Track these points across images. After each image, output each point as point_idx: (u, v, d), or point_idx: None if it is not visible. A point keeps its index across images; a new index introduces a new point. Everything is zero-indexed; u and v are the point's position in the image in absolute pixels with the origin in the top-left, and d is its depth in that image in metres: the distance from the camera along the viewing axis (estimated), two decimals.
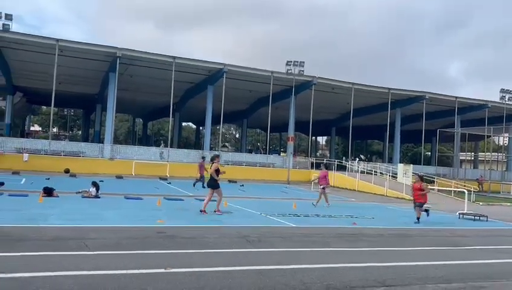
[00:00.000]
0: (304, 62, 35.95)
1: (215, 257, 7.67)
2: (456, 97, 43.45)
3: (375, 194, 27.41)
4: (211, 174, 13.48)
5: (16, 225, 9.60)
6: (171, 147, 37.24)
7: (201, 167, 23.62)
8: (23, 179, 21.94)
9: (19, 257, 6.82)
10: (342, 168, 36.09)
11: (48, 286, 5.43)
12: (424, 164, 43.94)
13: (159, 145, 41.06)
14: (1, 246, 7.45)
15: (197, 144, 67.02)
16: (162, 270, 6.49)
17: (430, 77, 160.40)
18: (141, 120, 74.69)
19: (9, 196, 14.79)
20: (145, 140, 67.67)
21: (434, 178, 32.43)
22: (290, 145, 40.08)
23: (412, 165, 37.69)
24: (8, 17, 28.76)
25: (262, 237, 9.80)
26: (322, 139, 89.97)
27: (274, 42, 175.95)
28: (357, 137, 64.00)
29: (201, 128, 70.27)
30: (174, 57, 33.30)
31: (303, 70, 36.16)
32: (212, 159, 13.87)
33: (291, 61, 35.87)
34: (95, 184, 16.34)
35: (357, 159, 45.30)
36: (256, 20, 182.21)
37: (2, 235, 8.47)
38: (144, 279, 6.00)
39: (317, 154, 77.25)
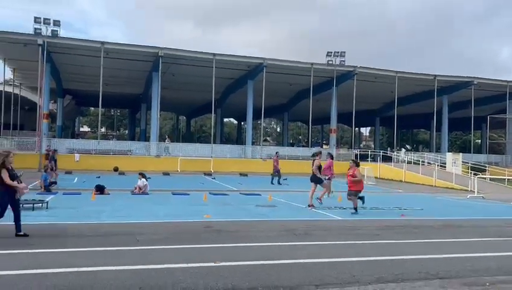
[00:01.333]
0: (344, 52, 35.44)
1: (263, 251, 7.72)
2: (508, 81, 41.35)
3: (423, 184, 26.62)
4: (313, 171, 14.23)
5: (72, 222, 10.06)
6: (214, 142, 37.74)
7: (276, 162, 23.91)
8: (76, 178, 22.92)
9: (77, 253, 7.14)
10: (387, 159, 35.28)
11: (107, 280, 5.67)
12: (474, 152, 42.21)
13: (201, 142, 41.71)
14: (61, 243, 7.83)
15: (239, 139, 67.58)
16: (212, 264, 6.60)
17: (478, 63, 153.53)
18: (184, 117, 76.10)
19: (63, 194, 15.49)
20: (189, 137, 68.93)
21: (485, 167, 31.10)
22: (333, 137, 39.62)
23: (461, 153, 36.31)
24: (56, 23, 30.07)
25: (309, 230, 9.77)
26: (365, 130, 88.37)
27: (313, 34, 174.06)
28: (402, 126, 62.36)
29: (242, 123, 70.75)
30: (214, 54, 33.65)
31: (344, 61, 35.61)
32: (314, 156, 14.30)
33: (331, 52, 35.43)
34: (143, 175, 16.95)
35: (403, 149, 44.10)
36: (294, 12, 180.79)
37: (61, 232, 8.91)
38: (194, 273, 6.13)
39: (361, 145, 75.87)
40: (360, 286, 5.85)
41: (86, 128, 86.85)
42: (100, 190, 15.96)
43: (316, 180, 13.96)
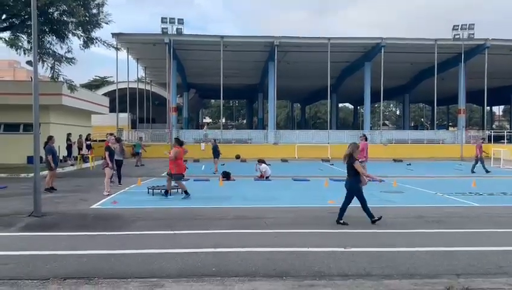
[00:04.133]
0: (473, 24, 32.16)
1: (394, 237, 7.47)
2: None
3: None
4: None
5: (205, 206, 10.79)
6: (330, 128, 37.34)
7: (480, 148, 21.62)
8: (203, 166, 24.50)
9: (213, 234, 7.66)
10: None
11: (240, 260, 5.99)
12: None
13: (316, 128, 41.49)
14: (199, 225, 8.48)
15: (354, 124, 65.94)
16: (342, 249, 6.58)
17: None
18: (299, 105, 76.51)
19: (194, 181, 16.65)
20: (304, 124, 69.20)
21: None
22: (461, 118, 36.49)
23: None
24: (180, 21, 32.20)
25: (442, 217, 9.17)
26: (498, 109, 79.80)
27: (436, 8, 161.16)
28: None
29: (358, 107, 68.79)
30: (329, 38, 33.13)
31: (473, 34, 32.36)
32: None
33: (458, 25, 32.41)
34: (262, 161, 17.83)
35: None
36: None
37: (196, 214, 9.62)
38: (325, 257, 6.17)
39: (494, 126, 68.74)
40: (508, 277, 5.38)
41: (208, 120, 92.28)
42: (226, 176, 16.87)
43: None
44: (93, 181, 15.32)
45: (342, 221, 8.45)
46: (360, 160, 15.65)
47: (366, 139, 17.13)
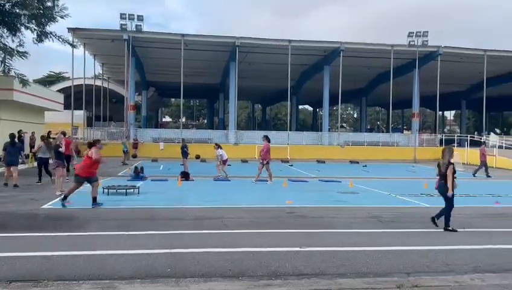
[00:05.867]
0: (427, 32, 33.45)
1: (349, 237, 7.64)
2: None
3: None
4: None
5: (163, 206, 10.65)
6: (289, 130, 37.75)
7: (483, 153, 21.79)
8: (161, 166, 24.15)
9: (170, 235, 7.56)
10: (474, 144, 33.03)
11: (196, 262, 5.95)
12: None
13: (277, 130, 41.84)
14: (156, 225, 8.34)
15: (314, 126, 67.00)
16: (298, 248, 6.67)
17: None
18: (260, 106, 76.91)
19: (152, 181, 16.39)
20: (265, 124, 69.63)
21: None
22: (415, 122, 37.85)
23: None
24: (140, 18, 31.62)
25: (396, 218, 9.49)
26: (449, 114, 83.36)
27: (393, 15, 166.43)
28: (492, 109, 57.92)
29: (317, 110, 69.95)
30: (289, 41, 33.49)
31: (427, 41, 33.65)
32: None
33: (413, 32, 33.60)
34: (218, 146, 18.04)
35: (491, 133, 40.98)
36: None
37: (154, 215, 9.48)
38: (281, 257, 6.24)
39: (445, 130, 71.76)
40: (455, 275, 5.60)
41: (167, 119, 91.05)
42: (185, 176, 16.70)
43: None
44: (45, 180, 14.77)
45: (450, 228, 8.25)
46: (264, 161, 16.18)
47: (268, 141, 16.88)
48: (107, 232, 7.69)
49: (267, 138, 17.04)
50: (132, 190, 12.70)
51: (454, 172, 8.30)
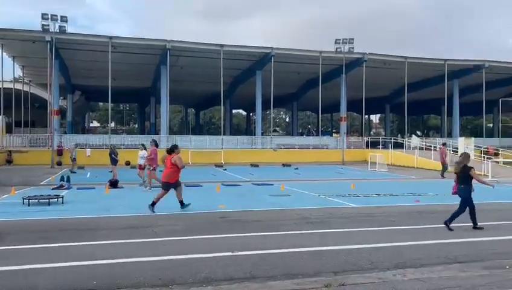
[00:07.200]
0: (353, 39, 35.01)
1: (279, 239, 7.74)
2: None
3: (435, 170, 26.37)
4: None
5: (88, 215, 10.16)
6: (223, 134, 37.76)
7: (443, 154, 22.56)
8: (88, 173, 23.12)
9: (97, 246, 7.22)
10: (398, 146, 35.09)
11: (124, 272, 5.72)
12: (486, 136, 41.76)
13: (211, 134, 41.71)
14: (80, 236, 7.91)
15: (247, 130, 67.56)
16: (230, 253, 6.64)
17: (489, 49, 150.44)
18: (193, 110, 76.16)
19: (78, 189, 15.62)
20: (198, 129, 69.06)
21: (498, 150, 30.81)
22: (343, 125, 39.43)
23: (473, 138, 35.95)
24: (64, 19, 30.05)
25: (324, 218, 9.77)
26: (375, 118, 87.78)
27: (322, 23, 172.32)
28: (413, 113, 61.78)
29: (251, 114, 70.66)
30: (221, 45, 33.54)
31: (353, 48, 35.23)
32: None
33: (340, 39, 35.02)
34: (144, 146, 16.92)
35: (413, 135, 43.77)
36: (303, 3, 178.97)
37: (80, 225, 9.01)
38: (213, 262, 6.18)
39: (371, 133, 75.48)
40: (378, 272, 5.85)
41: (95, 124, 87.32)
42: (113, 184, 16.08)
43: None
44: None
45: (478, 226, 8.70)
46: (152, 167, 15.25)
47: (156, 145, 16.31)
48: (25, 245, 7.18)
49: (154, 142, 16.33)
50: (56, 199, 12.02)
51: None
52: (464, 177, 8.83)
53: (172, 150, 11.01)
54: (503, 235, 8.12)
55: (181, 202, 10.89)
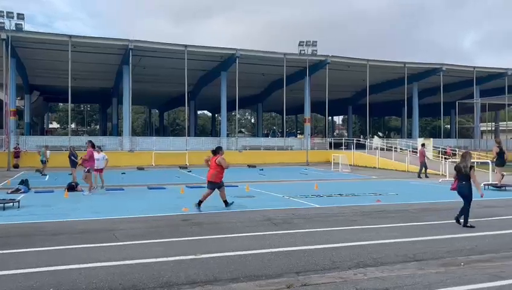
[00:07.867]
0: (316, 42, 35.46)
1: (243, 241, 7.73)
2: (474, 67, 42.36)
3: (396, 170, 27.17)
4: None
5: (48, 220, 9.81)
6: (188, 135, 37.40)
7: (422, 154, 22.62)
8: (47, 176, 22.34)
9: (55, 251, 6.98)
10: (360, 146, 35.83)
11: (83, 278, 5.56)
12: (444, 137, 43.30)
13: (175, 136, 41.22)
14: (37, 241, 7.64)
15: (213, 132, 67.26)
16: (193, 256, 6.59)
17: (445, 52, 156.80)
18: (157, 111, 75.11)
19: (35, 193, 15.07)
20: (162, 130, 68.14)
21: (455, 150, 32.03)
22: (307, 126, 39.86)
23: (431, 139, 37.25)
24: (20, 16, 28.91)
25: (287, 219, 9.84)
26: (338, 119, 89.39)
27: (286, 26, 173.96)
28: (375, 114, 63.39)
29: (216, 115, 70.37)
30: (185, 46, 33.21)
31: (316, 50, 35.68)
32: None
33: (303, 42, 35.38)
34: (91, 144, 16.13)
35: (375, 136, 44.91)
36: (266, 4, 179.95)
37: (37, 230, 8.69)
38: (175, 266, 6.10)
39: (335, 134, 76.76)
40: (340, 271, 5.94)
41: (55, 125, 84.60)
42: (73, 187, 15.59)
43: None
44: None
45: (468, 224, 9.02)
46: (86, 168, 14.98)
47: (93, 146, 15.95)
48: None
49: (91, 143, 15.99)
50: (11, 203, 11.54)
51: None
52: (465, 174, 9.20)
53: (217, 151, 11.83)
54: (457, 233, 8.44)
55: (225, 202, 11.43)
